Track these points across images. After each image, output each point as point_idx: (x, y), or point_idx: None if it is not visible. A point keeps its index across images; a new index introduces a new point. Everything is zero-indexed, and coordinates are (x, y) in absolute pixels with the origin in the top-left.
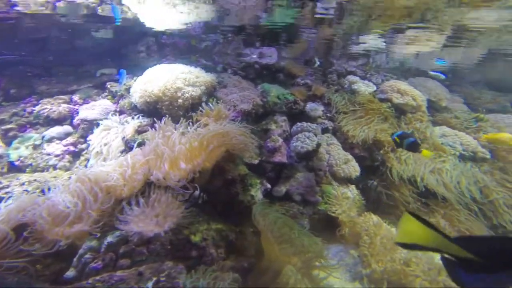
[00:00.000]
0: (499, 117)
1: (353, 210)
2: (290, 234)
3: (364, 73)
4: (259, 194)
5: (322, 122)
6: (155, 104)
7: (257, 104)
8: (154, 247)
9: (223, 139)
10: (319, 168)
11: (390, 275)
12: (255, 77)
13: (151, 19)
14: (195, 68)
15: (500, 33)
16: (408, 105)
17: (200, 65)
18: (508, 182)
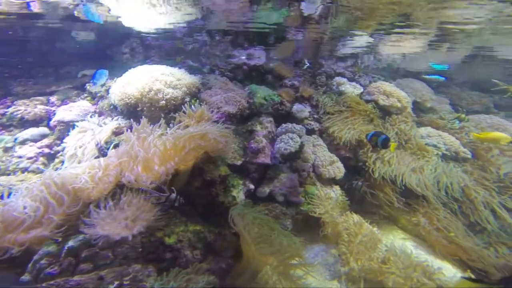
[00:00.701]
0: (482, 117)
1: (336, 210)
2: (268, 234)
3: (352, 75)
4: (241, 195)
5: (309, 123)
6: (135, 106)
7: (242, 106)
8: (121, 250)
9: (200, 142)
10: (302, 169)
11: (367, 273)
12: (244, 79)
13: (132, 20)
14: (177, 70)
15: (481, 33)
16: (393, 107)
17: (185, 67)
18: (486, 180)
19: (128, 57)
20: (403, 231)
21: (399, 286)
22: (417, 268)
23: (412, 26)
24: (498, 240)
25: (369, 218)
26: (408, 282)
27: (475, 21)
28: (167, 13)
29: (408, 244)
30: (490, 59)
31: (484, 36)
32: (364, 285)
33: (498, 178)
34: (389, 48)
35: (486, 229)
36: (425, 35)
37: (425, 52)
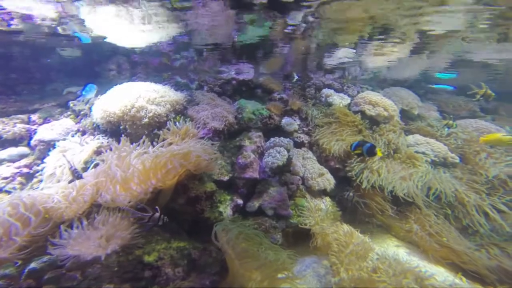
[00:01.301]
0: (468, 122)
1: (327, 221)
2: (255, 249)
3: (341, 86)
4: (229, 210)
5: (298, 136)
6: (118, 124)
7: (229, 122)
8: (93, 271)
9: (182, 161)
10: (291, 182)
11: (357, 283)
12: (233, 93)
13: (117, 38)
14: (161, 87)
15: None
16: (381, 116)
17: (173, 83)
18: (476, 183)
19: (115, 74)
20: (397, 238)
21: None
22: (408, 274)
23: (391, 36)
24: (490, 242)
25: (363, 227)
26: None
27: (452, 29)
28: (150, 31)
29: (401, 251)
30: (471, 64)
31: (462, 42)
32: None
33: (487, 180)
34: (372, 58)
35: (478, 231)
36: (404, 44)
37: (407, 61)
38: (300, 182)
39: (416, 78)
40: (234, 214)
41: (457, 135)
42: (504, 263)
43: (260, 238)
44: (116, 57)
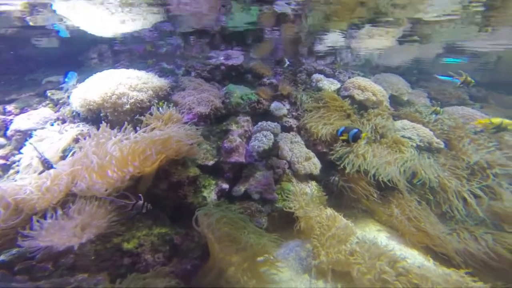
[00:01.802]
0: (455, 109)
1: (312, 205)
2: (237, 233)
3: (333, 71)
4: (213, 195)
5: (287, 120)
6: (99, 111)
7: (215, 106)
8: (66, 261)
9: (161, 146)
10: (277, 166)
11: (335, 265)
12: (222, 79)
13: (94, 27)
14: (144, 73)
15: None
16: (369, 101)
17: (157, 69)
18: (457, 168)
19: (97, 62)
20: (379, 223)
21: (362, 275)
22: (382, 257)
23: (381, 22)
24: (462, 226)
25: (348, 211)
26: (372, 271)
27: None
28: (128, 20)
29: (382, 235)
30: (461, 53)
31: (451, 30)
32: (332, 276)
33: (468, 166)
34: (362, 44)
35: (455, 216)
36: (394, 31)
37: (399, 48)
38: (286, 166)
39: (409, 65)
40: (220, 199)
41: (444, 121)
42: (470, 246)
43: (244, 222)
44: (98, 46)
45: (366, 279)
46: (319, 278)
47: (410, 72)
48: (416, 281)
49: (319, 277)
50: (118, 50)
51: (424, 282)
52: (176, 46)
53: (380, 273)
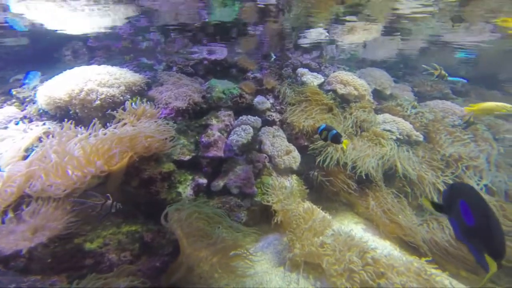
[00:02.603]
0: (435, 102)
1: (291, 199)
2: (208, 228)
3: (318, 66)
4: (189, 190)
5: (270, 114)
6: (68, 109)
7: (193, 101)
8: (16, 265)
9: (128, 143)
10: (257, 160)
11: (307, 257)
12: (205, 73)
13: (57, 24)
14: (117, 69)
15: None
16: (351, 95)
17: (136, 65)
18: (433, 160)
19: (70, 59)
20: (358, 215)
21: (330, 265)
22: (354, 248)
23: (361, 14)
24: (433, 217)
25: (329, 204)
26: (340, 261)
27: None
28: (96, 16)
29: (359, 227)
30: (443, 46)
31: (432, 24)
32: (305, 268)
33: (443, 158)
34: (344, 38)
35: None
36: (376, 25)
37: (382, 41)
38: (266, 160)
39: (396, 59)
40: (198, 194)
41: (424, 115)
42: (436, 235)
43: (220, 217)
44: (71, 43)
45: (333, 269)
46: (293, 270)
47: (397, 66)
48: (382, 269)
49: (293, 269)
50: (93, 46)
51: (389, 270)
52: (156, 42)
53: (348, 264)
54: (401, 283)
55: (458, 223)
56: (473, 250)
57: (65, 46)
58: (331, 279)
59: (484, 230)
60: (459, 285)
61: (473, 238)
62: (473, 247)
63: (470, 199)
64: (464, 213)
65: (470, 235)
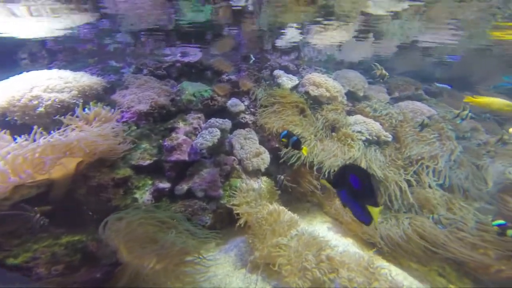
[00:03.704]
0: (407, 103)
1: (258, 201)
2: (157, 235)
3: (297, 67)
4: (147, 195)
5: (244, 116)
6: (4, 116)
7: (158, 104)
8: None
9: (63, 151)
10: (224, 163)
11: (266, 259)
12: (179, 76)
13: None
14: (71, 73)
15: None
16: (323, 96)
17: (100, 68)
18: (399, 160)
19: (27, 63)
20: (327, 215)
21: (283, 266)
22: (312, 247)
23: (334, 17)
24: (393, 214)
25: (300, 205)
26: (295, 261)
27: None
28: (47, 21)
29: (325, 226)
30: (417, 48)
31: (404, 25)
32: (266, 269)
33: (408, 157)
34: (318, 39)
35: (393, 205)
36: (348, 26)
37: (355, 43)
38: (235, 162)
39: (373, 61)
40: (161, 199)
41: (393, 115)
42: (391, 231)
43: (178, 221)
44: (28, 46)
45: (285, 269)
46: (253, 272)
47: (372, 68)
48: (335, 266)
49: (254, 271)
50: (54, 49)
51: (341, 266)
52: (126, 44)
53: (303, 262)
54: (349, 278)
55: (347, 191)
56: (357, 208)
57: (21, 49)
58: (284, 280)
59: (368, 190)
60: (408, 276)
61: (360, 198)
62: (358, 205)
63: (358, 172)
64: (353, 182)
65: (357, 196)
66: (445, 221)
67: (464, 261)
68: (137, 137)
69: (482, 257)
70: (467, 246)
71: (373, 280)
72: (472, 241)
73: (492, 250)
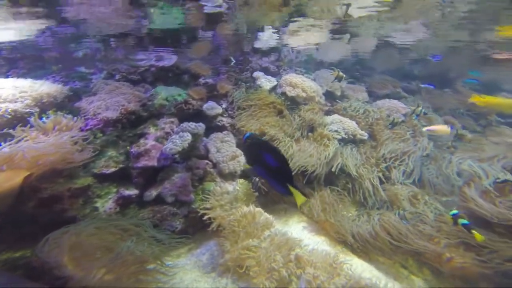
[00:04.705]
0: (384, 101)
1: (233, 203)
2: (110, 244)
3: (277, 69)
4: (110, 203)
5: (221, 119)
6: None
7: (126, 110)
8: None
9: (5, 163)
10: (196, 167)
11: (236, 262)
12: (154, 80)
13: None
14: (29, 81)
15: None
16: (299, 97)
17: (64, 75)
18: (372, 158)
19: None
20: (303, 214)
21: (252, 267)
22: (283, 247)
23: (307, 17)
24: (366, 211)
25: (280, 206)
26: (263, 262)
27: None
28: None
29: (300, 226)
30: (393, 47)
31: (377, 25)
32: (236, 272)
33: (382, 155)
34: (293, 40)
35: (367, 202)
36: (322, 26)
37: (331, 43)
38: (209, 166)
39: (353, 61)
40: (129, 206)
41: (370, 114)
42: (361, 228)
43: (144, 228)
44: None
45: (253, 271)
46: (223, 275)
47: (354, 68)
48: (304, 264)
49: (223, 275)
50: (11, 57)
51: (309, 264)
52: (95, 50)
53: (271, 263)
54: (314, 275)
55: (264, 168)
56: (273, 183)
57: None
58: (252, 281)
59: (284, 169)
60: (374, 269)
61: (278, 175)
62: (277, 182)
63: (270, 151)
64: (268, 161)
65: (276, 173)
66: (409, 216)
67: (421, 252)
68: (103, 144)
69: (434, 247)
70: (425, 238)
71: (335, 275)
72: (430, 232)
73: (444, 239)
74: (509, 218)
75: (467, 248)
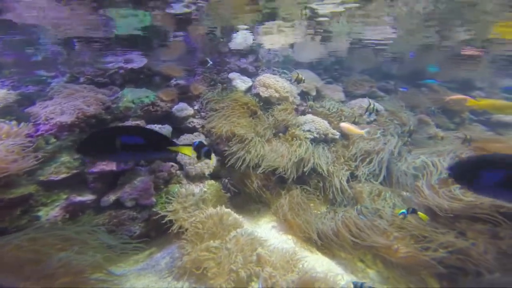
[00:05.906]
0: (357, 101)
1: (199, 205)
2: (38, 256)
3: (255, 70)
4: (56, 211)
5: (192, 121)
6: None
7: (84, 114)
8: None
9: None
10: (159, 170)
11: (194, 264)
12: (124, 83)
13: None
14: None
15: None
16: (273, 97)
17: (16, 79)
18: (343, 157)
19: None
20: (274, 214)
21: (210, 269)
22: (246, 248)
23: (277, 19)
24: (333, 208)
25: (253, 206)
26: (223, 263)
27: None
28: None
29: (269, 225)
30: (367, 45)
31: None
32: (194, 274)
33: (353, 154)
34: (267, 40)
35: (337, 200)
36: (293, 27)
37: (306, 44)
38: (174, 168)
39: (332, 61)
40: (84, 212)
41: (342, 113)
42: (325, 225)
43: (95, 236)
44: None
45: (212, 272)
46: (180, 279)
47: (332, 68)
48: (264, 263)
49: (181, 278)
50: None
51: (268, 263)
52: (56, 53)
53: (230, 264)
54: (270, 274)
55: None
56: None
57: None
58: (209, 282)
59: (153, 138)
60: (333, 264)
61: (152, 146)
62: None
63: (126, 131)
64: (130, 142)
65: (148, 146)
66: (365, 211)
67: (375, 246)
68: (55, 150)
69: (384, 240)
70: (379, 232)
71: (289, 271)
72: (384, 226)
73: (395, 232)
74: (446, 208)
75: (413, 239)
